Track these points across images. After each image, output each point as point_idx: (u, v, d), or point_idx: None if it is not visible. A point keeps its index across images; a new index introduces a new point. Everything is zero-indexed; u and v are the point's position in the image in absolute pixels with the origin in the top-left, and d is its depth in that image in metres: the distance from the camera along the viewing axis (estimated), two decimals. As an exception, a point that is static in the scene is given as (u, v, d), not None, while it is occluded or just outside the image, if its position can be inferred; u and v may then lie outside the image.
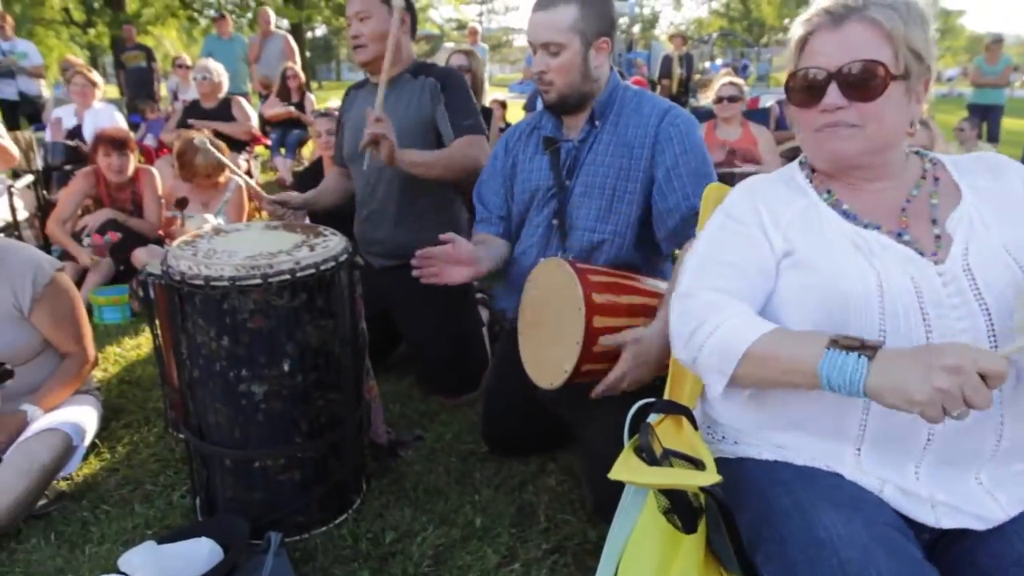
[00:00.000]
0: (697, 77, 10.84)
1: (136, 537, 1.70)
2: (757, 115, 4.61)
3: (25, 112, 7.04)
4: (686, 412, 1.11)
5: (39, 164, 4.17)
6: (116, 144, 3.47)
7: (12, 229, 3.32)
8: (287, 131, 6.49)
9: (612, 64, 1.72)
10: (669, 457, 0.98)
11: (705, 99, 7.28)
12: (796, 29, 1.05)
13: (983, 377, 0.77)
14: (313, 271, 1.50)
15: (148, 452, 2.10)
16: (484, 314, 2.62)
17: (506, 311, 1.92)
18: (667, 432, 1.06)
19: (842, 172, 1.06)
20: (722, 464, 0.98)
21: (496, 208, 1.92)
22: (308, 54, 19.48)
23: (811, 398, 0.96)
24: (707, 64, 14.95)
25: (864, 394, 0.83)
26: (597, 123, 1.69)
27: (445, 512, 1.79)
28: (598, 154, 1.68)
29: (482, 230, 1.95)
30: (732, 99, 3.95)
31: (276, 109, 6.44)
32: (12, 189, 3.34)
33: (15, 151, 3.28)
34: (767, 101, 6.12)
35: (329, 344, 1.61)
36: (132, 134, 4.55)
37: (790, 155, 4.84)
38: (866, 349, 0.85)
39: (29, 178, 3.71)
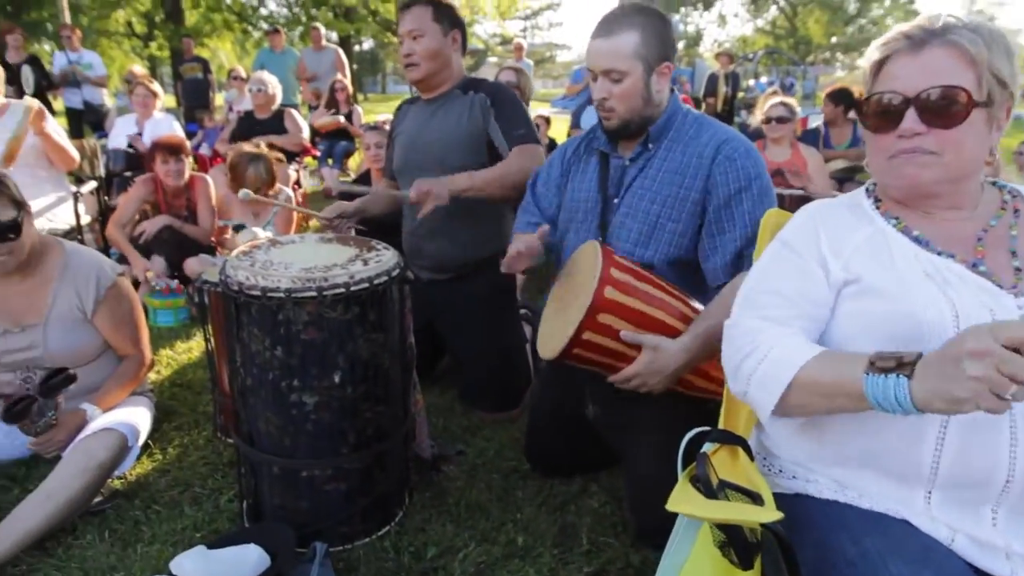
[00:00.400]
0: (741, 95, 10.73)
1: (185, 539, 1.74)
2: (806, 136, 4.52)
3: (88, 120, 7.34)
4: (742, 442, 1.09)
5: (102, 171, 4.34)
6: (172, 150, 3.60)
7: (75, 232, 3.45)
8: (335, 142, 6.63)
9: (672, 87, 1.71)
10: (725, 489, 0.96)
11: (752, 118, 7.20)
12: (872, 53, 1.03)
13: (1017, 350, 0.72)
14: (366, 285, 1.53)
15: (198, 455, 2.15)
16: (527, 330, 2.62)
17: None
18: (722, 462, 1.05)
19: (916, 200, 1.03)
20: (778, 499, 0.96)
21: (546, 207, 1.90)
22: (355, 67, 19.90)
23: (877, 433, 0.93)
24: (752, 82, 14.80)
25: (918, 410, 0.81)
26: (651, 146, 1.67)
27: (487, 529, 1.78)
28: (647, 178, 1.66)
29: (525, 225, 1.94)
30: (782, 120, 3.88)
31: (325, 119, 6.59)
32: (77, 194, 3.47)
33: (76, 155, 3.43)
34: (815, 121, 6.01)
35: (379, 357, 1.63)
36: (187, 141, 4.71)
37: (838, 177, 4.75)
38: (903, 367, 0.82)
39: (93, 184, 3.86)
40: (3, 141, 3.05)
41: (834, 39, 34.04)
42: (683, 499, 0.94)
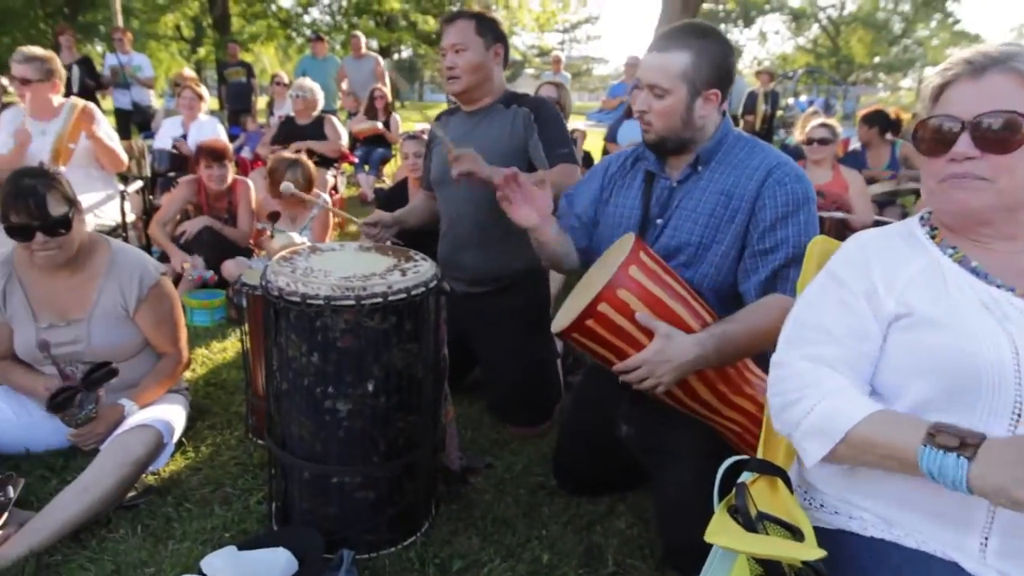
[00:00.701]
0: (780, 114, 10.62)
1: (215, 538, 1.76)
2: (848, 158, 4.44)
3: (136, 120, 7.56)
4: (782, 474, 1.06)
5: (148, 171, 4.46)
6: (216, 156, 3.68)
7: (121, 229, 3.54)
8: (372, 149, 6.73)
9: (725, 110, 1.68)
10: (764, 521, 0.94)
11: (792, 137, 7.11)
12: (932, 79, 1.02)
13: None
14: (404, 295, 1.54)
15: (229, 455, 2.18)
16: (558, 345, 2.61)
17: None
18: (761, 493, 1.02)
19: (969, 228, 1.00)
20: (819, 534, 0.93)
21: (582, 213, 1.89)
22: (393, 74, 20.20)
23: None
24: (791, 100, 14.62)
25: (971, 493, 0.79)
26: (699, 168, 1.65)
27: (512, 545, 1.77)
28: (693, 199, 1.64)
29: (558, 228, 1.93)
30: (824, 141, 3.82)
31: (363, 125, 6.69)
32: (124, 193, 3.57)
33: (125, 158, 3.53)
34: (857, 142, 5.90)
35: (413, 368, 1.64)
36: (230, 145, 4.81)
37: (880, 200, 4.65)
38: (965, 448, 0.80)
39: (139, 183, 3.96)
40: (53, 140, 3.15)
41: (877, 59, 33.47)
42: (721, 530, 0.92)
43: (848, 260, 1.08)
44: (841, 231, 3.53)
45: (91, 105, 3.32)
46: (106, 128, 3.39)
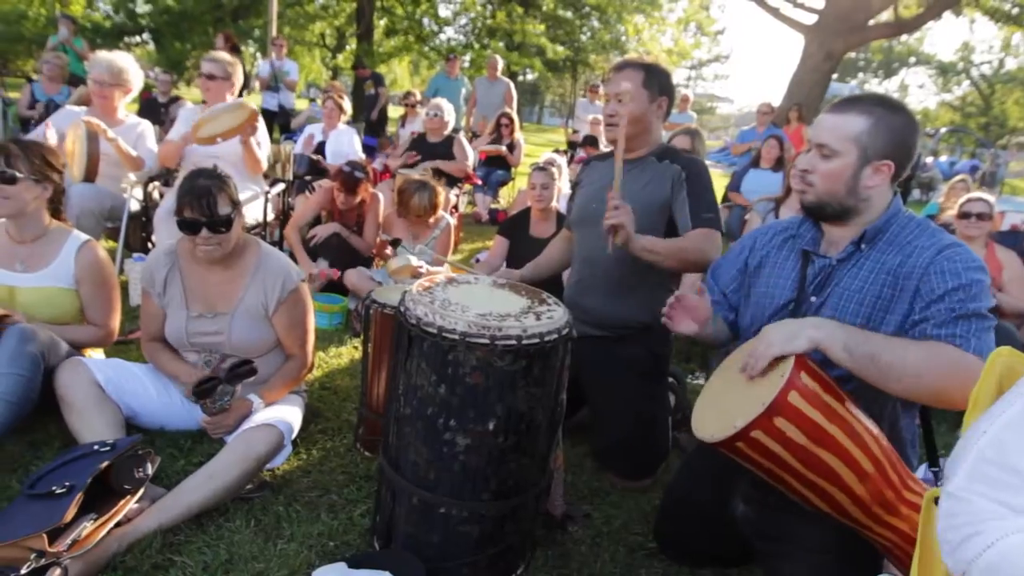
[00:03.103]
0: (917, 173, 9.97)
1: (319, 544, 1.82)
2: (1006, 237, 4.06)
3: (279, 122, 8.13)
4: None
5: (290, 175, 4.76)
6: (349, 187, 3.88)
7: (261, 229, 3.79)
8: (492, 171, 6.88)
9: (897, 189, 1.59)
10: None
11: (933, 201, 6.64)
12: None
13: None
14: (537, 341, 1.54)
15: (337, 462, 2.26)
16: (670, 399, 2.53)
17: None
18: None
19: None
20: None
21: (729, 292, 1.85)
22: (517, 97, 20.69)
23: None
24: (929, 160, 13.71)
25: None
26: (863, 247, 1.56)
27: (608, 607, 1.72)
28: (856, 279, 1.54)
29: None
30: (981, 217, 3.51)
31: (488, 146, 6.87)
32: (268, 195, 3.82)
33: (264, 166, 3.78)
34: (1014, 218, 5.41)
35: (534, 411, 1.63)
36: (364, 157, 5.06)
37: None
38: None
39: (281, 186, 4.23)
40: (221, 126, 3.39)
41: (1034, 123, 30.84)
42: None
43: None
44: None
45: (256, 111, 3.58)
46: (262, 135, 3.66)
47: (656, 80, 2.18)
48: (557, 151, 7.61)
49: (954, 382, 1.32)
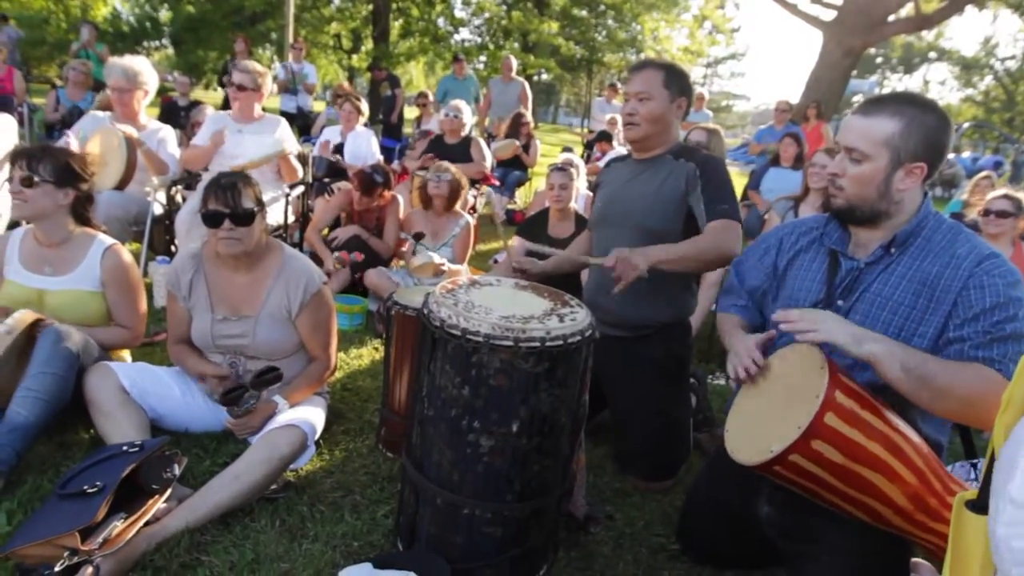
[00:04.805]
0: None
1: (343, 544, 1.83)
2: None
3: (298, 124, 8.18)
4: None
5: (310, 177, 4.80)
6: (367, 190, 3.92)
7: (282, 231, 3.83)
8: (509, 171, 6.87)
9: (927, 190, 1.57)
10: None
11: (957, 199, 6.54)
12: None
13: None
14: (560, 343, 1.54)
15: (360, 462, 2.27)
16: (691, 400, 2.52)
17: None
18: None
19: None
20: None
21: (753, 291, 1.83)
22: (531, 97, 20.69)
23: None
24: (952, 156, 13.52)
25: None
26: (893, 250, 1.53)
27: (632, 609, 1.72)
28: (887, 285, 1.51)
29: (730, 307, 1.88)
30: (1004, 214, 3.46)
31: (506, 150, 6.87)
32: (288, 197, 3.85)
33: (300, 175, 3.84)
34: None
35: (557, 412, 1.64)
36: (382, 159, 5.08)
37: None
38: None
39: (301, 188, 4.26)
40: (252, 154, 3.49)
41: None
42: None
43: None
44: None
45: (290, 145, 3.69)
46: (292, 144, 3.76)
47: (676, 81, 2.17)
48: (567, 149, 7.58)
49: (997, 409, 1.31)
